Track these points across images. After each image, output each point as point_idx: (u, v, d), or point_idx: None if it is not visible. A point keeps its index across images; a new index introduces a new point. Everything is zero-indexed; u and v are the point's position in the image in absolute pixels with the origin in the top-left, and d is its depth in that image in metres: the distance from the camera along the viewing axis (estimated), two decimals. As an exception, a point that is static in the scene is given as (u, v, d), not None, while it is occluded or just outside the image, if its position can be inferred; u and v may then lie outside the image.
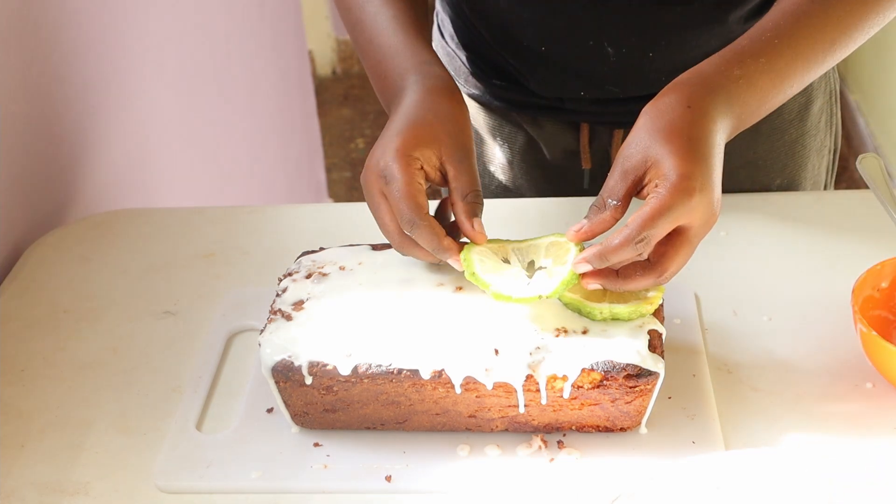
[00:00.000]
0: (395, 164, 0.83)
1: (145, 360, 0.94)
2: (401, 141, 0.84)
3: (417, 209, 0.82)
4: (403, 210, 0.82)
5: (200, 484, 0.81)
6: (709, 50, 1.02)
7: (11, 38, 1.08)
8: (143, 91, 1.42)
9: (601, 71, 1.05)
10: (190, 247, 1.09)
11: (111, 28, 1.31)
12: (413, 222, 0.82)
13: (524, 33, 1.05)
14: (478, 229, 0.84)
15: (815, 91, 1.13)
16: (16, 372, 0.94)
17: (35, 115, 1.14)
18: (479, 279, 0.82)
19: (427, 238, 0.82)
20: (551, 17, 1.02)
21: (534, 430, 0.83)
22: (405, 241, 0.84)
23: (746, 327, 0.94)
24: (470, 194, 0.84)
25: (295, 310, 0.84)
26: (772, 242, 1.04)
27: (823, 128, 1.16)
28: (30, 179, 1.14)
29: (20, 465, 0.84)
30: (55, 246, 1.11)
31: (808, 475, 0.74)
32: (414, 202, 0.82)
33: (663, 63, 1.04)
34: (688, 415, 0.84)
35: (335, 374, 0.80)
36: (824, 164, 1.20)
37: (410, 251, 0.85)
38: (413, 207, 0.81)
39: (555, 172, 1.17)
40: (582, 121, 1.13)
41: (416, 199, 0.82)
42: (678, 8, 1.00)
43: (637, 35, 1.02)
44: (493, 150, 1.19)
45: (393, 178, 0.82)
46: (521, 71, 1.10)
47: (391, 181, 0.82)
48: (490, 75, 1.13)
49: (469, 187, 0.85)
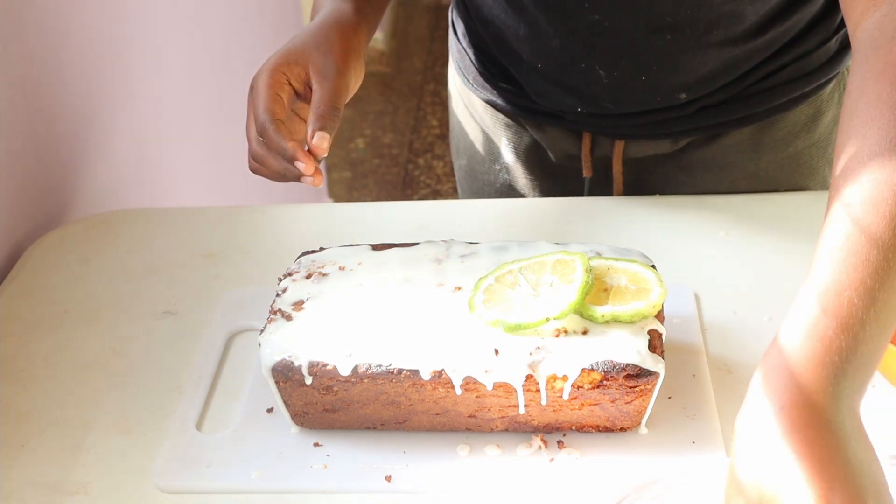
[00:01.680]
0: (261, 78, 0.89)
1: (145, 360, 0.94)
2: (274, 59, 0.90)
3: (269, 113, 0.87)
4: (257, 114, 0.87)
5: (200, 484, 0.81)
6: (704, 72, 1.02)
7: (11, 38, 1.08)
8: (143, 91, 1.42)
9: (595, 90, 1.05)
10: (190, 247, 1.09)
11: (111, 28, 1.31)
12: (263, 125, 0.87)
13: (521, 48, 1.05)
14: (316, 142, 0.86)
15: (827, 102, 1.10)
16: (16, 372, 0.94)
17: (35, 115, 1.14)
18: (488, 322, 0.81)
19: (275, 139, 0.86)
20: (545, 38, 1.02)
21: (534, 430, 0.83)
22: (259, 149, 0.88)
23: (746, 327, 0.94)
24: (324, 107, 0.87)
25: (295, 310, 0.84)
26: (772, 242, 1.04)
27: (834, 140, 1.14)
28: (30, 179, 1.14)
29: (20, 465, 0.84)
30: (55, 246, 1.11)
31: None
32: (266, 106, 0.87)
33: (656, 83, 1.03)
34: (688, 415, 0.84)
35: (335, 374, 0.80)
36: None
37: (264, 161, 0.88)
38: (266, 110, 0.87)
39: (558, 175, 1.17)
40: (584, 130, 1.12)
41: (269, 105, 0.87)
42: (668, 35, 0.98)
43: (628, 59, 1.01)
44: (498, 150, 1.19)
45: (255, 88, 0.89)
46: (522, 82, 1.10)
47: (255, 92, 0.89)
48: (498, 78, 1.13)
49: (325, 102, 0.88)
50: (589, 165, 1.14)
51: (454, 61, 1.21)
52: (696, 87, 1.03)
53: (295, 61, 0.90)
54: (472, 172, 1.25)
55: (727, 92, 1.05)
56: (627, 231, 1.06)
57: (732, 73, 1.03)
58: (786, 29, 1.01)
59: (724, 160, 1.11)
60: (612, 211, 1.10)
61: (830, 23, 1.05)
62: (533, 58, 1.05)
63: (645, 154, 1.12)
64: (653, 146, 1.11)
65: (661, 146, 1.11)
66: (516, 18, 1.03)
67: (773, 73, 1.05)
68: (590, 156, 1.13)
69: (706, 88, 1.04)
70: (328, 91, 0.88)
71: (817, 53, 1.05)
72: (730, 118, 1.07)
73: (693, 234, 1.05)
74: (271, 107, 0.87)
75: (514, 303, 0.82)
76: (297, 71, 0.90)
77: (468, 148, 1.24)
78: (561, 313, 0.79)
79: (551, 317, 0.79)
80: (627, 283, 0.83)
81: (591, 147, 1.13)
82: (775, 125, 1.09)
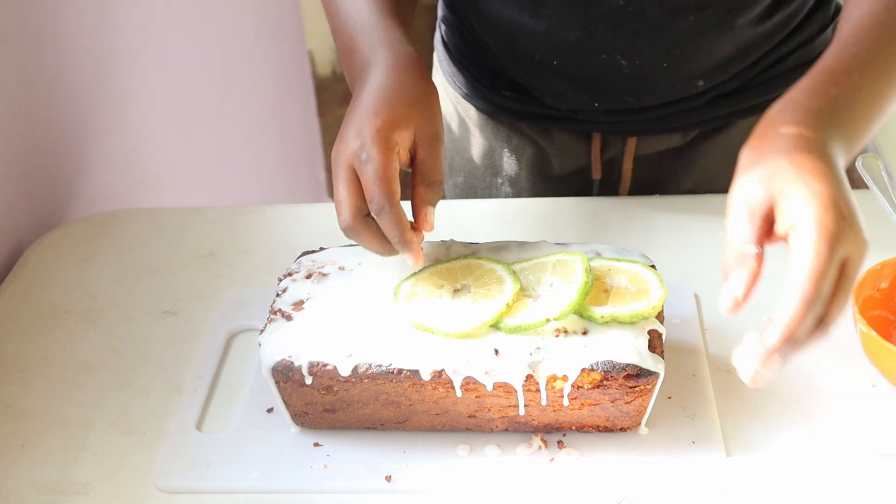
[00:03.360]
0: (374, 146, 0.80)
1: (145, 360, 0.94)
2: (381, 122, 0.80)
3: (391, 195, 0.79)
4: (375, 193, 0.79)
5: (200, 484, 0.81)
6: (722, 56, 1.03)
7: (11, 38, 1.08)
8: (142, 91, 1.42)
9: (615, 83, 1.05)
10: (190, 247, 1.09)
11: (111, 28, 1.31)
12: (382, 207, 0.79)
13: (535, 48, 1.04)
14: (428, 219, 0.82)
15: None
16: (16, 372, 0.94)
17: (35, 115, 1.14)
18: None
19: (392, 225, 0.79)
20: (563, 31, 1.01)
21: (534, 430, 0.83)
22: (360, 225, 0.81)
23: (746, 327, 0.93)
24: (431, 178, 0.82)
25: (295, 310, 0.84)
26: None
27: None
28: (30, 179, 1.14)
29: (20, 465, 0.84)
30: (55, 246, 1.11)
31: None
32: (388, 187, 0.79)
33: (677, 72, 1.04)
34: (688, 415, 0.84)
35: (335, 374, 0.80)
36: None
37: (360, 237, 0.82)
38: (387, 193, 0.79)
39: (563, 184, 1.17)
40: (595, 130, 1.12)
41: (391, 185, 0.79)
42: (691, 16, 0.99)
43: (650, 46, 1.01)
44: (500, 162, 1.18)
45: (371, 158, 0.79)
46: (533, 85, 1.09)
47: (368, 161, 0.79)
48: (500, 87, 1.13)
49: (433, 175, 0.82)
50: (599, 167, 1.14)
51: (445, 76, 1.20)
52: (714, 73, 1.05)
53: (403, 127, 0.81)
54: (470, 189, 1.23)
55: (740, 79, 1.08)
56: (627, 231, 1.06)
57: (745, 59, 1.06)
58: (791, 12, 1.05)
59: (730, 151, 1.12)
60: (612, 211, 1.10)
61: (827, 9, 1.09)
62: (548, 56, 1.04)
63: (655, 150, 1.13)
64: (664, 141, 1.12)
65: (672, 140, 1.12)
66: (532, 15, 1.02)
67: (779, 60, 1.08)
68: (599, 157, 1.14)
69: (722, 75, 1.06)
70: (435, 160, 0.82)
71: (817, 41, 1.09)
72: (740, 107, 1.09)
73: (693, 234, 1.05)
74: (392, 186, 0.79)
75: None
76: (405, 137, 0.81)
77: (465, 164, 1.22)
78: (560, 314, 0.79)
79: (551, 317, 0.79)
80: (628, 284, 0.83)
81: (602, 148, 1.13)
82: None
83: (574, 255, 0.84)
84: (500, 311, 0.80)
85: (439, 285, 0.84)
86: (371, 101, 0.83)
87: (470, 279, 0.84)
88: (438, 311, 0.81)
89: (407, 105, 0.82)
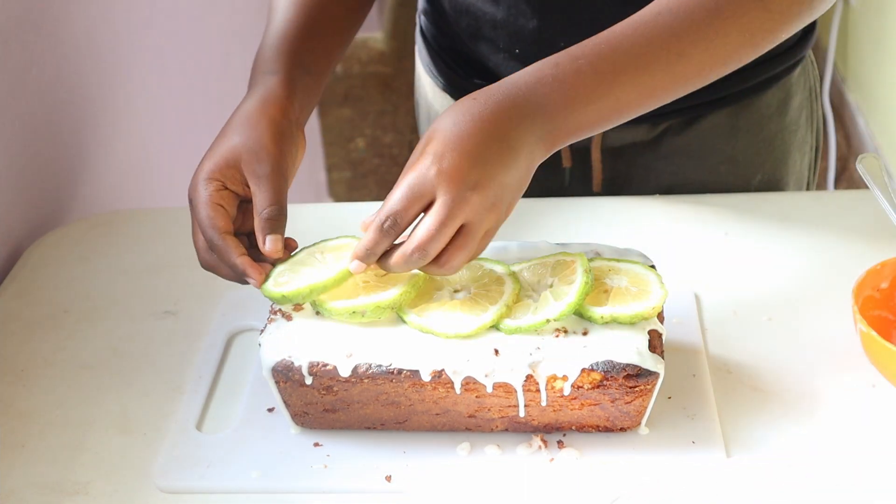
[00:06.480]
0: (196, 189, 0.85)
1: (145, 360, 0.94)
2: (206, 167, 0.86)
3: (213, 229, 0.83)
4: (204, 231, 0.84)
5: (200, 484, 0.81)
6: None
7: (11, 38, 1.08)
8: (143, 91, 1.42)
9: None
10: (190, 247, 1.09)
11: (111, 28, 1.31)
12: (211, 242, 0.84)
13: (498, 36, 1.06)
14: (269, 248, 0.84)
15: (794, 86, 1.13)
16: (16, 372, 0.94)
17: (35, 115, 1.14)
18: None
19: (224, 256, 0.83)
20: (522, 19, 1.03)
21: (534, 429, 0.83)
22: (210, 259, 0.86)
23: (746, 327, 0.94)
24: (267, 209, 0.84)
25: (295, 310, 0.84)
26: (772, 242, 1.04)
27: (804, 124, 1.17)
28: (30, 179, 1.14)
29: (20, 465, 0.84)
30: (55, 246, 1.11)
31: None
32: (210, 223, 0.84)
33: None
34: (688, 415, 0.84)
35: (335, 374, 0.80)
36: (806, 162, 1.20)
37: (214, 270, 0.86)
38: (210, 227, 0.84)
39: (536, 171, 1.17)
40: None
41: (214, 221, 0.84)
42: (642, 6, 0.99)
43: None
44: None
45: (195, 201, 0.85)
46: (500, 73, 1.10)
47: (194, 205, 0.85)
48: (472, 75, 1.13)
49: (266, 202, 0.84)
50: (568, 155, 1.14)
51: (425, 69, 1.21)
52: None
53: (227, 164, 0.86)
54: None
55: None
56: (627, 231, 1.06)
57: None
58: None
59: (702, 145, 1.12)
60: (611, 211, 1.10)
61: None
62: (509, 44, 1.06)
63: (623, 142, 1.13)
64: (630, 133, 1.12)
65: (639, 132, 1.12)
66: (492, 2, 1.04)
67: None
68: (568, 146, 1.13)
69: None
70: (267, 192, 0.85)
71: None
72: (706, 99, 1.08)
73: (693, 234, 1.05)
74: (215, 222, 0.84)
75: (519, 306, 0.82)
76: (231, 174, 0.86)
77: None
78: (560, 314, 0.79)
79: (551, 317, 0.79)
80: (628, 285, 0.83)
81: None
82: (749, 108, 1.11)
83: (574, 256, 0.84)
84: (500, 312, 0.80)
85: (439, 287, 0.84)
86: (220, 135, 0.88)
87: (469, 280, 0.84)
88: (438, 313, 0.81)
89: (233, 145, 0.87)
